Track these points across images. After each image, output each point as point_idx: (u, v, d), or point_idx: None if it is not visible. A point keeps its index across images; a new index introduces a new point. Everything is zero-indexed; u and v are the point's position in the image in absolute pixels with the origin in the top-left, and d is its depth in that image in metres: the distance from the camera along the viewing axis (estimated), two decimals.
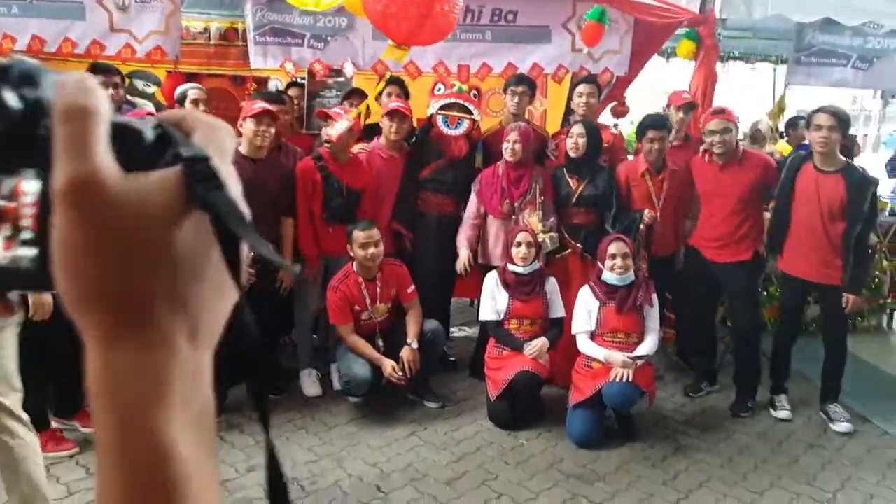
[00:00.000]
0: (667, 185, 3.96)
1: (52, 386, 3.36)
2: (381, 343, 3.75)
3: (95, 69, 3.72)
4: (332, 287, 3.70)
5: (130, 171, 0.33)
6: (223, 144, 0.38)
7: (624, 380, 3.33)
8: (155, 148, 0.35)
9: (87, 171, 0.32)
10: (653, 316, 3.56)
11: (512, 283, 3.69)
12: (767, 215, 3.95)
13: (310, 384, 4.00)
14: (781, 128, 5.96)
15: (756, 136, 5.17)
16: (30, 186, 0.34)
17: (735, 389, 3.94)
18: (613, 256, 3.49)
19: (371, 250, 3.57)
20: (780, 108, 5.76)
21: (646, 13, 4.47)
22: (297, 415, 3.73)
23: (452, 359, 4.40)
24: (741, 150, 3.82)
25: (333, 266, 3.82)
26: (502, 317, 3.71)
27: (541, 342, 3.59)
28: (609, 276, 3.50)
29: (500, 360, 3.65)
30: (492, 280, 3.76)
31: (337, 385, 3.86)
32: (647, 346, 3.50)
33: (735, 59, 6.71)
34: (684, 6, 4.60)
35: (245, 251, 0.38)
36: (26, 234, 0.34)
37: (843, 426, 3.64)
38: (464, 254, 3.98)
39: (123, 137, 0.34)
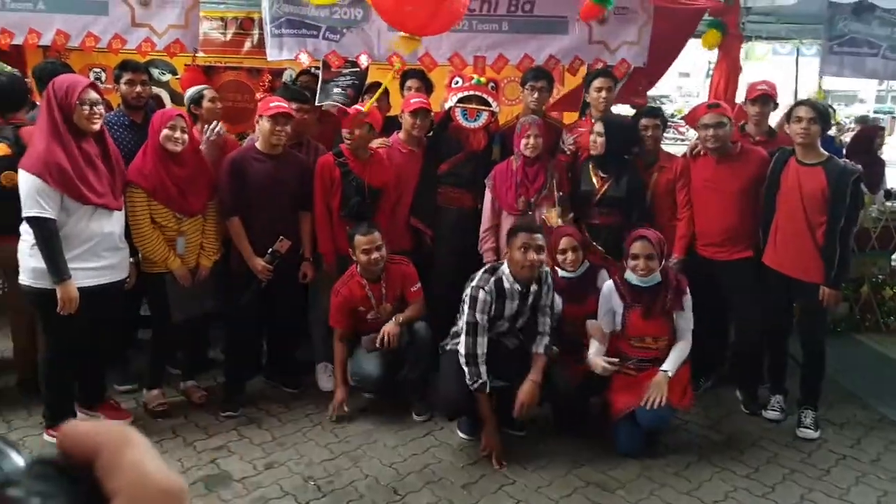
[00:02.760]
0: (654, 180, 3.89)
1: (78, 376, 3.42)
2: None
3: (125, 67, 3.73)
4: (335, 291, 3.68)
5: None
6: None
7: (657, 406, 3.21)
8: None
9: None
10: (685, 318, 3.38)
11: (564, 287, 3.54)
12: None
13: (325, 378, 4.02)
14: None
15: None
16: None
17: (737, 387, 3.93)
18: (636, 256, 3.32)
19: (374, 255, 3.52)
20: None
21: (665, 1, 4.36)
22: (313, 409, 3.76)
23: None
24: (739, 145, 3.76)
25: (349, 264, 3.80)
26: None
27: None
28: (631, 277, 3.37)
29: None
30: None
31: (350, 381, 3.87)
32: (677, 355, 3.34)
33: (758, 39, 6.55)
34: None
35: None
36: None
37: (807, 432, 3.56)
38: None
39: None
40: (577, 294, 3.56)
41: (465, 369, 3.25)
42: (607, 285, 3.47)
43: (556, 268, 3.56)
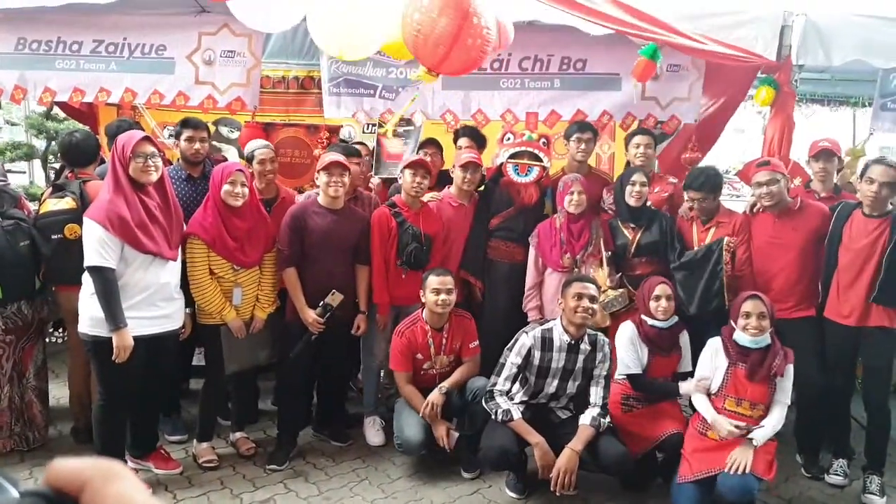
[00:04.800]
0: (710, 236, 3.83)
1: (130, 425, 3.47)
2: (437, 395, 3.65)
3: (186, 124, 3.88)
4: (397, 332, 3.70)
5: None
6: None
7: (741, 471, 3.03)
8: None
9: None
10: (783, 388, 3.24)
11: (652, 337, 3.48)
12: None
13: (373, 433, 4.00)
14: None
15: (847, 188, 4.95)
16: None
17: (798, 450, 3.80)
18: (748, 315, 3.20)
19: (443, 296, 3.56)
20: (855, 155, 5.49)
21: (717, 58, 4.37)
22: (360, 464, 3.73)
23: None
24: (799, 200, 3.71)
25: (404, 314, 3.83)
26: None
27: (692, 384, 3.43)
28: (741, 337, 3.22)
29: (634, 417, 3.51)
30: (631, 332, 3.51)
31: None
32: (770, 424, 3.17)
33: (812, 101, 6.54)
34: (759, 52, 4.48)
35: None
36: None
37: (873, 499, 3.40)
38: None
39: None
40: (663, 345, 3.50)
41: (486, 406, 3.35)
42: (713, 342, 3.37)
43: (646, 317, 3.50)
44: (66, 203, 3.60)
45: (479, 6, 2.84)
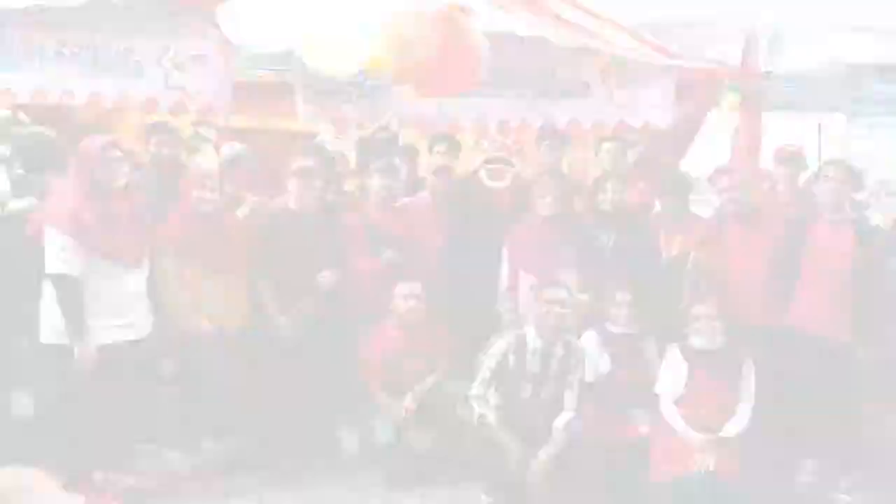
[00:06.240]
0: (677, 245, 3.89)
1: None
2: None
3: (154, 129, 3.88)
4: (368, 340, 3.69)
5: None
6: None
7: (705, 470, 3.09)
8: None
9: None
10: (746, 386, 3.32)
11: (612, 343, 3.53)
12: None
13: (349, 439, 3.95)
14: None
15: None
16: None
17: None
18: (697, 319, 3.30)
19: (412, 303, 3.55)
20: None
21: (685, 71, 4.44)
22: (335, 470, 3.69)
23: None
24: (763, 206, 3.78)
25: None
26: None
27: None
28: (696, 341, 3.32)
29: None
30: (591, 341, 3.56)
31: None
32: (737, 421, 3.26)
33: (779, 108, 6.65)
34: (726, 59, 4.56)
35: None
36: None
37: (843, 498, 3.49)
38: None
39: None
40: (624, 352, 3.52)
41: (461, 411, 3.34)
42: (671, 351, 3.42)
43: (608, 325, 3.55)
44: (27, 201, 3.55)
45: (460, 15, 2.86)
